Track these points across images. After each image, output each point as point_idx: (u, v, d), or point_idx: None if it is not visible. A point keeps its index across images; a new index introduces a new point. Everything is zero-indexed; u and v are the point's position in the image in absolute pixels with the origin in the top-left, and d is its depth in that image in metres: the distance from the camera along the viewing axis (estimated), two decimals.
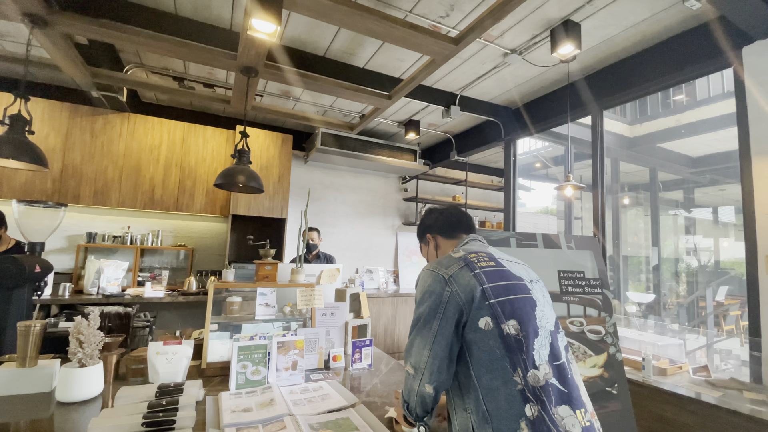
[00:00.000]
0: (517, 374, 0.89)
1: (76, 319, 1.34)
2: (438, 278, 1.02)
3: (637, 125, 5.51)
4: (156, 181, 3.95)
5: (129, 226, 4.09)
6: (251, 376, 1.48)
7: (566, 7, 2.34)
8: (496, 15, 1.86)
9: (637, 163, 5.81)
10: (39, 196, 3.49)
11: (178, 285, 4.11)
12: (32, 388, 1.34)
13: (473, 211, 6.04)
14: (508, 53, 2.86)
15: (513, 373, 0.90)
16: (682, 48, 2.51)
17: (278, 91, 3.75)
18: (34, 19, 2.05)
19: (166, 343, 1.51)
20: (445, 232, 1.26)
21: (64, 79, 3.64)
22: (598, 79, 3.03)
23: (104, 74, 2.85)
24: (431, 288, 1.01)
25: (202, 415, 1.20)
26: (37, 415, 1.19)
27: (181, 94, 3.19)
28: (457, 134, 4.82)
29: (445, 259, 1.08)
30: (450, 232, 1.25)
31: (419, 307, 1.03)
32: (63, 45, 2.36)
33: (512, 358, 0.91)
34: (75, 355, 1.30)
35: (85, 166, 3.69)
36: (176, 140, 4.06)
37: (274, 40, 2.03)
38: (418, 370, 0.98)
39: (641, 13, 2.36)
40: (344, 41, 2.83)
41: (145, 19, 2.50)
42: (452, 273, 1.01)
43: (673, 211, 6.90)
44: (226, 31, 2.69)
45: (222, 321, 1.89)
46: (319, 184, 5.14)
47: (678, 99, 5.32)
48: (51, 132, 3.58)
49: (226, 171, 2.35)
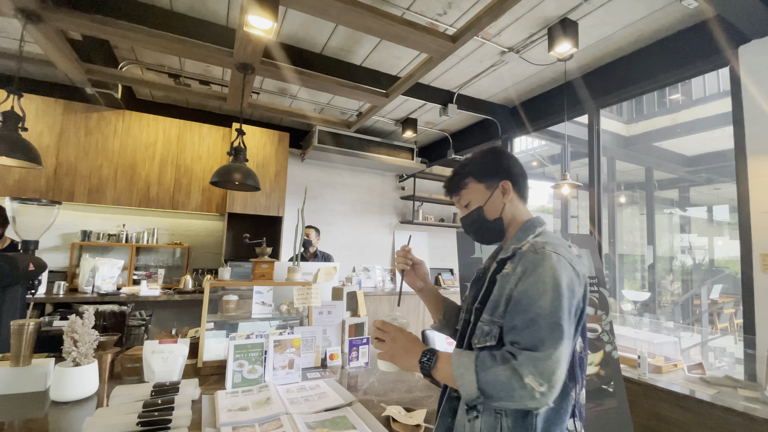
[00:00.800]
0: (574, 391, 0.86)
1: (70, 317, 1.33)
2: (576, 274, 0.82)
3: (634, 124, 5.53)
4: (151, 179, 3.92)
5: (124, 224, 4.06)
6: (247, 375, 1.48)
7: (564, 6, 2.33)
8: (493, 13, 1.86)
9: (633, 161, 5.84)
10: (33, 194, 3.45)
11: (174, 283, 4.08)
12: (26, 387, 1.33)
13: None
14: (506, 51, 2.86)
15: (572, 389, 0.86)
16: (679, 47, 2.52)
17: (275, 89, 3.73)
18: (27, 14, 2.03)
19: (161, 342, 1.50)
20: (522, 189, 0.98)
21: (59, 75, 3.60)
22: (595, 78, 3.04)
23: (98, 71, 2.82)
24: (571, 285, 0.79)
25: (198, 414, 1.20)
26: (31, 415, 1.17)
27: (177, 91, 3.17)
28: (454, 132, 4.82)
29: (565, 247, 0.86)
30: (525, 192, 0.99)
31: (559, 308, 0.76)
32: (56, 40, 2.33)
33: (575, 375, 0.86)
34: (69, 354, 1.29)
35: (80, 164, 3.66)
36: (172, 137, 4.03)
37: (270, 37, 2.01)
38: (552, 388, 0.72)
39: (639, 12, 2.36)
40: (341, 38, 2.82)
41: (140, 14, 2.47)
42: (583, 271, 0.85)
43: (668, 209, 6.94)
44: (222, 27, 2.67)
45: (218, 319, 1.88)
46: (316, 183, 5.13)
47: (674, 98, 5.35)
48: (45, 129, 3.54)
49: (222, 169, 2.34)
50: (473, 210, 0.97)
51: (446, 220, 5.85)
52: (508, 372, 0.72)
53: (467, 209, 0.99)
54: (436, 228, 5.85)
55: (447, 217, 5.94)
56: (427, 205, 5.75)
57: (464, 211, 1.00)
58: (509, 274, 0.85)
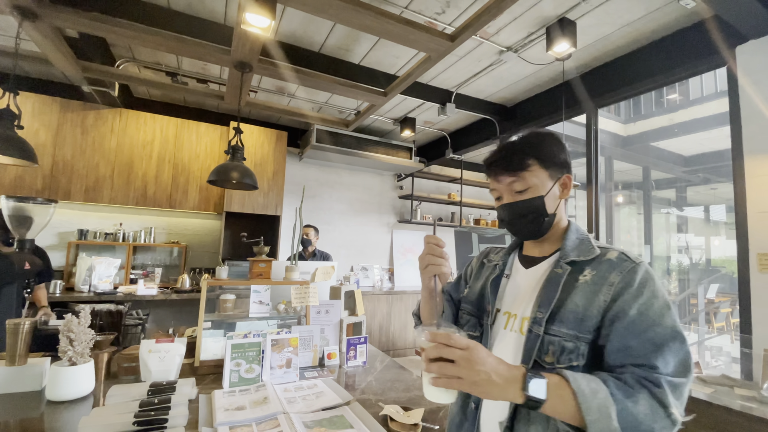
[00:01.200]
0: None
1: (66, 316, 1.32)
2: None
3: (631, 124, 5.55)
4: (149, 178, 3.91)
5: (121, 222, 4.04)
6: (245, 374, 1.47)
7: (562, 5, 2.33)
8: (492, 12, 1.85)
9: (630, 161, 5.86)
10: (29, 193, 3.43)
11: (172, 282, 4.07)
12: (21, 386, 1.33)
13: (468, 209, 6.05)
14: (504, 51, 2.86)
15: None
16: (677, 47, 2.52)
17: (273, 87, 3.72)
18: (23, 11, 2.01)
19: (158, 341, 1.50)
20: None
21: (55, 73, 3.58)
22: (593, 78, 3.04)
23: (95, 68, 2.80)
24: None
25: (195, 413, 1.19)
26: (26, 415, 1.17)
27: (174, 89, 3.15)
28: (452, 132, 4.82)
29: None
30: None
31: (681, 328, 0.70)
32: (53, 38, 2.31)
33: None
34: (65, 353, 1.28)
35: (76, 162, 3.64)
36: (169, 136, 4.01)
37: (268, 35, 2.01)
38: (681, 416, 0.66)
39: (637, 12, 2.37)
40: (340, 37, 2.81)
41: (137, 12, 2.46)
42: None
43: (665, 209, 6.97)
44: (219, 25, 2.66)
45: (215, 319, 1.87)
46: (314, 182, 5.12)
47: (671, 98, 5.37)
48: (41, 127, 3.52)
49: (220, 167, 2.33)
50: (533, 198, 0.82)
51: (444, 220, 5.85)
52: (651, 402, 0.63)
53: (521, 195, 0.83)
54: (431, 228, 5.85)
55: (445, 217, 5.94)
56: (425, 204, 5.75)
57: (515, 197, 0.83)
58: (594, 283, 0.75)
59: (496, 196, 0.88)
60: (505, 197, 0.86)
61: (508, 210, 0.85)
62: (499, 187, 0.86)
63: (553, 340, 0.73)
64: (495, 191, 0.88)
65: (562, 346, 0.72)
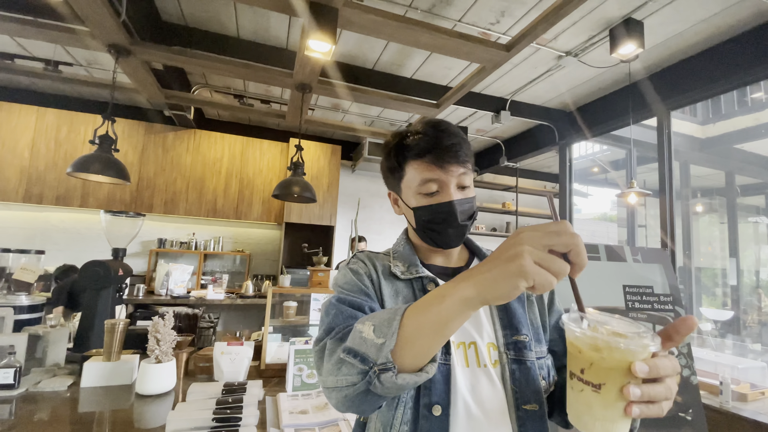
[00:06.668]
0: None
1: (153, 318, 1.47)
2: None
3: (710, 125, 5.05)
4: (218, 192, 4.25)
5: (194, 232, 4.42)
6: (307, 380, 1.54)
7: (626, 6, 2.22)
8: (549, 20, 1.82)
9: (710, 166, 5.32)
10: (119, 206, 3.88)
11: (236, 288, 4.36)
12: (115, 380, 1.49)
13: (525, 219, 5.84)
14: (563, 56, 2.77)
15: None
16: (758, 43, 2.29)
17: (328, 104, 3.89)
18: (119, 49, 2.31)
19: (229, 344, 1.61)
20: None
21: (140, 100, 4.03)
22: (664, 78, 2.83)
23: (176, 95, 3.12)
24: None
25: (263, 414, 1.27)
26: (118, 405, 1.32)
27: (241, 110, 3.42)
28: (506, 139, 4.70)
29: None
30: None
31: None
32: (142, 71, 2.63)
33: None
34: (153, 351, 1.43)
35: (158, 179, 4.06)
36: (236, 153, 4.34)
37: (328, 59, 2.12)
38: None
39: (711, 8, 2.19)
40: (393, 53, 2.89)
41: (210, 42, 2.71)
42: None
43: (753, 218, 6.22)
44: (281, 50, 2.85)
45: (278, 324, 1.98)
46: (365, 192, 5.23)
47: (756, 96, 4.81)
48: (129, 148, 3.97)
49: (283, 183, 2.48)
50: (472, 197, 0.73)
51: (499, 230, 5.69)
52: None
53: (464, 192, 0.72)
54: (486, 237, 5.71)
55: (499, 227, 5.78)
56: (478, 213, 5.64)
57: (461, 193, 0.72)
58: None
59: (432, 190, 0.70)
60: (447, 191, 0.70)
61: (456, 208, 0.69)
62: (443, 177, 0.69)
63: (542, 364, 0.67)
64: (433, 183, 0.69)
65: (547, 365, 0.68)
